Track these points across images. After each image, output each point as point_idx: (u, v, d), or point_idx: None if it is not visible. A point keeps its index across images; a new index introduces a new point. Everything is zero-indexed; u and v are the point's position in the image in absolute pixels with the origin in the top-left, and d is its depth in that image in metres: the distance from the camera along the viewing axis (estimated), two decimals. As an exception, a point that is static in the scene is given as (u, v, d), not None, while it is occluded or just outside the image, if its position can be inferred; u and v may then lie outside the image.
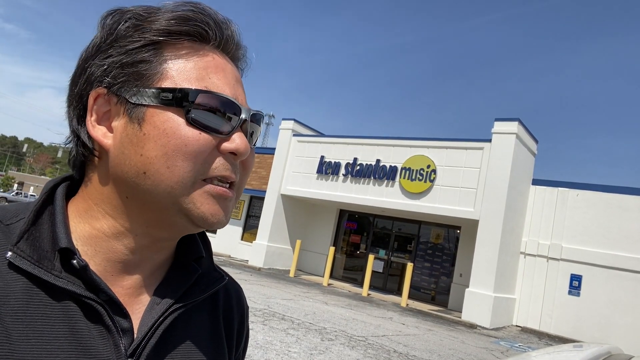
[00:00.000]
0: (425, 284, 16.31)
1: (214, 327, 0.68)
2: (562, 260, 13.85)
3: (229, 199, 0.58)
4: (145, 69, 0.56)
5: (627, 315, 12.72)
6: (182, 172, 0.54)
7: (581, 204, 13.93)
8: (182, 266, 0.65)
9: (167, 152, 0.54)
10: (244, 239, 19.54)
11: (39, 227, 0.55)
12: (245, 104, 0.61)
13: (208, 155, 0.55)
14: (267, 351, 5.82)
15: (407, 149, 15.07)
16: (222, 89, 0.57)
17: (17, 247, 0.52)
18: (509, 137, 13.36)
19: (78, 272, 0.54)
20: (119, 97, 0.56)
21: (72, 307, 0.53)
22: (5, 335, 0.48)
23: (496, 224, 12.90)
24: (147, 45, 0.56)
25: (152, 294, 0.61)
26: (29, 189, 63.68)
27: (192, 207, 0.56)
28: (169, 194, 0.55)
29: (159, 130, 0.54)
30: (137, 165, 0.55)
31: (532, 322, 13.91)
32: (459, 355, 8.03)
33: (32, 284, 0.52)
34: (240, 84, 0.62)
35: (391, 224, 17.49)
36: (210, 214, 0.56)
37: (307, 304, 10.46)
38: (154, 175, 0.54)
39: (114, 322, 0.55)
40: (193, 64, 0.57)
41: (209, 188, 0.56)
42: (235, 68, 0.63)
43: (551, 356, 1.78)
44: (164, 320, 0.59)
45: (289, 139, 18.00)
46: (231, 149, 0.57)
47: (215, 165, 0.56)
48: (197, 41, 0.58)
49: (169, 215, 0.57)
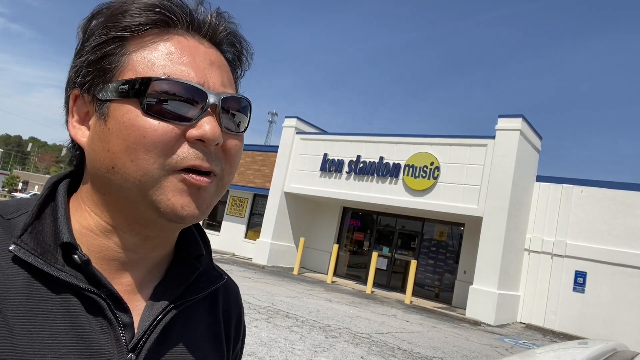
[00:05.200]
0: (429, 281, 16.30)
1: (213, 324, 0.68)
2: (566, 257, 13.81)
3: (204, 188, 0.55)
4: (109, 63, 0.55)
5: (632, 312, 12.67)
6: (146, 165, 0.52)
7: (586, 200, 13.86)
8: (183, 263, 0.65)
9: (129, 145, 0.53)
10: (247, 237, 19.56)
11: (42, 221, 0.56)
12: (218, 88, 0.57)
13: (173, 144, 0.53)
14: (271, 348, 5.83)
15: (410, 146, 15.04)
16: (186, 73, 0.54)
17: (20, 240, 0.52)
18: (513, 133, 13.31)
19: (79, 266, 0.54)
20: (90, 96, 0.57)
21: (73, 301, 0.53)
22: (7, 330, 0.48)
23: (500, 221, 12.86)
24: (110, 40, 0.55)
25: (152, 291, 0.61)
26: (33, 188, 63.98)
27: (162, 199, 0.54)
28: (138, 188, 0.54)
29: (120, 124, 0.54)
30: (106, 161, 0.55)
31: (536, 319, 13.88)
32: (463, 352, 8.02)
33: (33, 278, 0.52)
34: (216, 67, 0.58)
35: (395, 222, 17.47)
36: (180, 206, 0.54)
37: (311, 301, 10.48)
38: (122, 170, 0.54)
39: (115, 316, 0.55)
40: (157, 52, 0.55)
41: (179, 178, 0.54)
42: (214, 50, 0.59)
43: (556, 353, 1.78)
44: (164, 316, 0.59)
45: (292, 137, 17.99)
46: (196, 135, 0.54)
47: (182, 154, 0.53)
48: (163, 27, 0.56)
49: (141, 210, 0.56)
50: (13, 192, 57.34)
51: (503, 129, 13.49)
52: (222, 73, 0.59)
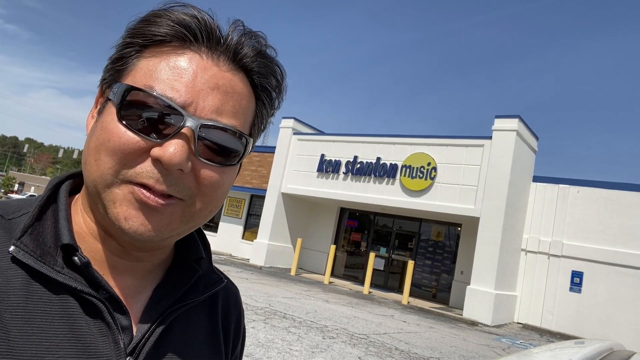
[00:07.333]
0: (427, 281, 16.31)
1: (212, 327, 0.68)
2: (563, 257, 13.85)
3: (156, 209, 0.52)
4: (121, 64, 0.56)
5: (628, 311, 12.72)
6: (103, 167, 0.52)
7: (582, 200, 13.91)
8: (182, 266, 0.65)
9: (97, 145, 0.53)
10: (244, 238, 19.54)
11: (43, 222, 0.56)
12: (208, 114, 0.53)
13: (135, 156, 0.52)
14: (268, 349, 5.82)
15: (407, 146, 15.06)
16: (175, 91, 0.52)
17: (20, 242, 0.52)
18: (510, 134, 13.35)
19: (79, 268, 0.54)
20: (103, 92, 0.59)
21: (71, 304, 0.53)
22: (4, 332, 0.48)
23: (497, 221, 12.89)
24: (128, 44, 0.56)
25: (151, 294, 0.61)
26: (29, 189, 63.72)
27: (110, 204, 0.53)
28: (94, 187, 0.54)
29: (100, 123, 0.55)
30: (84, 155, 0.56)
31: (533, 319, 13.92)
32: (461, 353, 8.03)
33: (32, 279, 0.52)
34: (220, 92, 0.54)
35: (392, 222, 17.48)
36: (123, 217, 0.52)
37: (308, 302, 10.47)
38: (87, 167, 0.54)
39: (114, 319, 0.54)
40: (163, 65, 0.54)
41: (129, 189, 0.52)
42: (229, 74, 0.56)
43: (553, 353, 1.79)
44: (163, 320, 0.58)
45: (289, 138, 17.98)
46: (155, 155, 0.51)
47: (140, 169, 0.52)
48: (184, 41, 0.55)
49: (102, 215, 0.55)
50: (9, 193, 57.11)
51: (500, 130, 13.53)
52: (226, 100, 0.55)
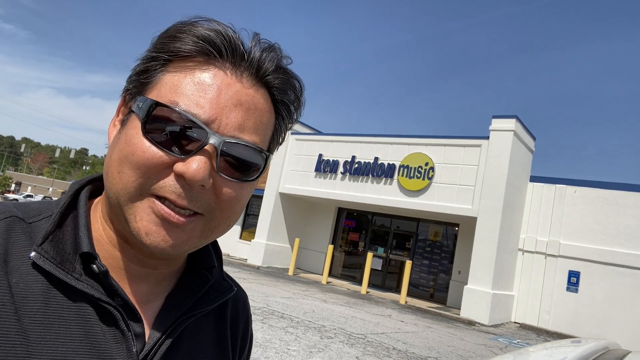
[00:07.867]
0: (424, 281, 16.33)
1: (220, 334, 0.70)
2: (560, 256, 13.89)
3: (179, 226, 0.53)
4: (146, 77, 0.57)
5: (624, 311, 12.76)
6: (126, 180, 0.53)
7: (579, 200, 13.95)
8: (194, 275, 0.66)
9: (120, 157, 0.54)
10: (242, 238, 19.53)
11: (63, 229, 0.56)
12: (231, 131, 0.54)
13: (158, 171, 0.53)
14: (266, 349, 5.83)
15: (405, 146, 15.07)
16: (200, 107, 0.53)
17: (41, 248, 0.53)
18: (507, 134, 13.37)
19: (97, 276, 0.55)
20: (126, 103, 0.59)
21: (88, 310, 0.54)
22: (24, 337, 0.49)
23: (494, 221, 12.92)
24: (153, 57, 0.57)
25: (163, 302, 0.62)
26: (26, 189, 63.52)
27: (131, 218, 0.54)
28: (117, 200, 0.54)
29: (125, 136, 0.55)
30: (106, 166, 0.56)
31: (530, 318, 13.95)
32: (458, 352, 8.05)
33: (51, 285, 0.53)
34: (243, 109, 0.55)
35: (389, 222, 17.50)
36: (145, 232, 0.53)
37: (306, 302, 10.47)
38: (109, 178, 0.55)
39: (128, 326, 0.55)
40: (188, 80, 0.54)
41: (150, 202, 0.53)
42: (252, 91, 0.56)
43: (549, 351, 1.79)
44: (174, 329, 0.59)
45: (286, 137, 17.95)
46: (178, 171, 0.52)
47: (163, 183, 0.53)
48: (208, 57, 0.55)
49: (123, 225, 0.56)
50: (6, 192, 56.89)
51: (497, 130, 13.55)
52: (248, 116, 0.55)
